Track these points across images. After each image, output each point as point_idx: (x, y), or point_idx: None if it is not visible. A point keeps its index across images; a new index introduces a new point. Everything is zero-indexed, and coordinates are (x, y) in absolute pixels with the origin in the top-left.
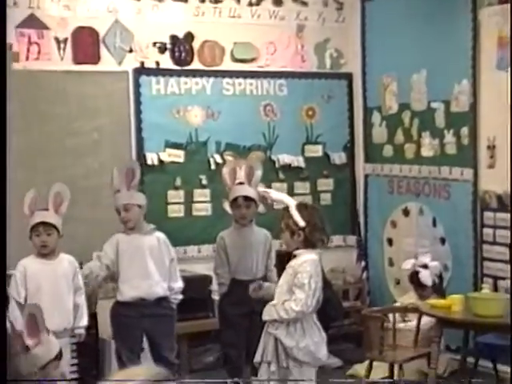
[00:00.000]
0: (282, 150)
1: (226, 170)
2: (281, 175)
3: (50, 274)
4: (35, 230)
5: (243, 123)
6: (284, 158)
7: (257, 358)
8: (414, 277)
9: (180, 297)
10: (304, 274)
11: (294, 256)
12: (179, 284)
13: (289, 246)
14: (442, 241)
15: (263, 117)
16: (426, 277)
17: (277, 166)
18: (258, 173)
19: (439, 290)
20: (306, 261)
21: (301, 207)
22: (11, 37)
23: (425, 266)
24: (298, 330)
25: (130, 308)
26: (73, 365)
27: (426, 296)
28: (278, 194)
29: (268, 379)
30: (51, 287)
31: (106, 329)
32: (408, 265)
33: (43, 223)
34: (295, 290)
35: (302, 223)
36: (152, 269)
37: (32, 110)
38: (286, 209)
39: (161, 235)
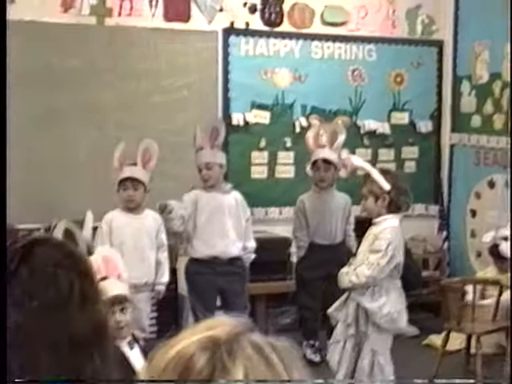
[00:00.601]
0: (367, 116)
1: (310, 134)
2: (365, 141)
3: (134, 228)
4: (123, 185)
5: (330, 87)
6: (369, 124)
7: (338, 317)
8: (494, 249)
9: (253, 256)
10: (383, 240)
11: (374, 224)
12: (252, 244)
13: (372, 212)
14: None
15: (350, 81)
16: (506, 249)
17: (362, 131)
18: (341, 137)
19: None
20: (386, 228)
21: (383, 172)
22: None
23: (505, 239)
24: (383, 296)
25: (203, 265)
26: (152, 318)
27: (506, 269)
28: (359, 161)
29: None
30: (135, 241)
31: (184, 284)
32: (488, 238)
33: (131, 178)
34: (370, 254)
35: (387, 187)
36: (229, 228)
37: (122, 66)
38: (368, 175)
39: (237, 195)
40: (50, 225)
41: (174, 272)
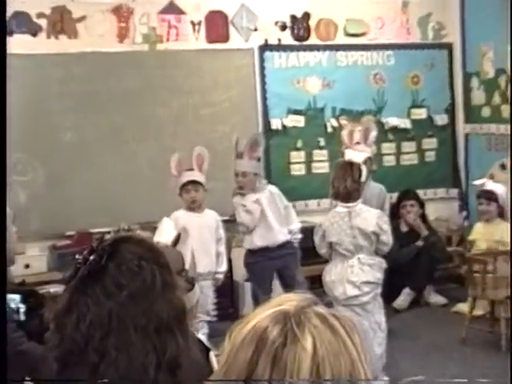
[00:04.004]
0: (390, 114)
1: (345, 132)
2: (389, 136)
3: (197, 224)
4: (185, 188)
5: (355, 90)
6: (392, 121)
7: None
8: (482, 193)
9: (299, 236)
10: None
11: None
12: (297, 225)
13: None
14: None
15: (373, 84)
16: (492, 186)
17: (386, 127)
18: (373, 133)
19: None
20: None
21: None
22: (154, 22)
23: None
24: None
25: (258, 255)
26: (214, 303)
27: (489, 220)
28: None
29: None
30: (198, 235)
31: (238, 272)
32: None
33: (191, 181)
34: None
35: None
36: (272, 220)
37: (173, 85)
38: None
39: (272, 187)
40: (118, 228)
41: (229, 262)
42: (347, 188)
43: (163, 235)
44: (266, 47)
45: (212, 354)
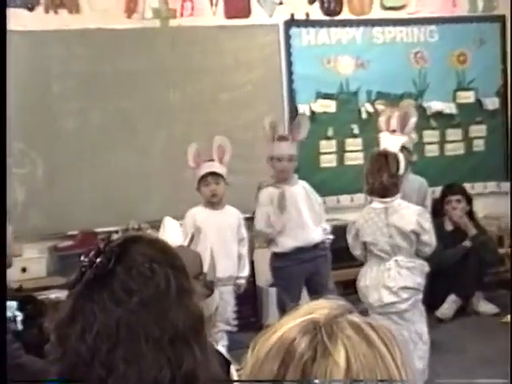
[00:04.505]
0: (432, 97)
1: (382, 118)
2: (432, 122)
3: (217, 222)
4: (204, 181)
5: (393, 71)
6: (435, 105)
7: None
8: None
9: (331, 236)
10: None
11: None
12: (327, 225)
13: None
14: None
15: (413, 64)
16: None
17: (428, 113)
18: (413, 120)
19: None
20: None
21: None
22: None
23: None
24: None
25: (289, 257)
26: (234, 312)
27: None
28: None
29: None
30: (218, 235)
31: (262, 276)
32: None
33: (211, 173)
34: None
35: None
36: (307, 217)
37: (187, 66)
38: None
39: (304, 183)
40: (127, 227)
41: (251, 264)
42: (383, 183)
43: (168, 237)
44: (292, 23)
45: (233, 368)
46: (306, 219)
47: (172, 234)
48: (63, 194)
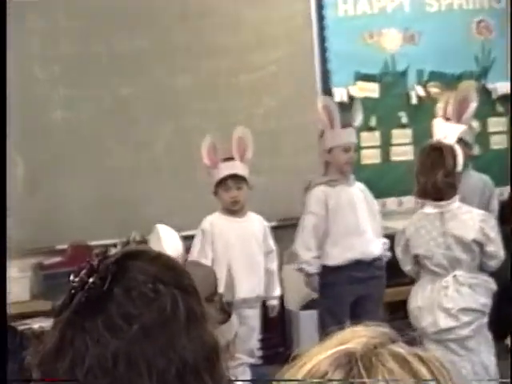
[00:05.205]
0: (499, 77)
1: (440, 105)
2: (498, 108)
3: (240, 232)
4: (223, 185)
5: (451, 46)
6: (502, 87)
7: None
8: None
9: (389, 254)
10: None
11: None
12: (385, 239)
13: None
14: None
15: (476, 36)
16: None
17: (493, 96)
18: (473, 106)
19: None
20: None
21: None
22: None
23: None
24: None
25: (340, 273)
26: (259, 340)
27: None
28: None
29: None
30: (241, 247)
31: (292, 298)
32: None
33: (232, 176)
34: None
35: None
36: (365, 225)
37: (198, 43)
38: None
39: (361, 185)
40: (127, 239)
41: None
42: (438, 183)
43: (166, 249)
44: None
45: None
46: (365, 227)
47: (170, 245)
48: (49, 200)
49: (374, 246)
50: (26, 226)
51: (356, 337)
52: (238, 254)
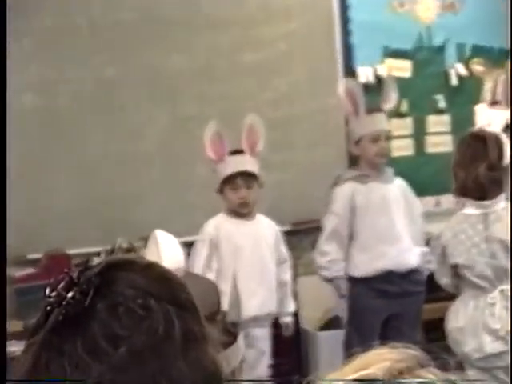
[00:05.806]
0: None
1: (488, 86)
2: None
3: (249, 237)
4: (231, 182)
5: (498, 16)
6: None
7: None
8: None
9: (430, 266)
10: None
11: None
12: (427, 248)
13: None
14: None
15: None
16: None
17: None
18: None
19: None
20: None
21: None
22: None
23: None
24: None
25: (367, 285)
26: (270, 365)
27: None
28: None
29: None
30: (251, 254)
31: (309, 315)
32: None
33: (241, 173)
34: None
35: None
36: (402, 230)
37: (195, 15)
38: None
39: (401, 182)
40: (112, 246)
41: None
42: (480, 179)
43: (164, 260)
44: None
45: None
46: (401, 232)
47: (170, 254)
48: (21, 201)
49: (411, 256)
50: None
51: (379, 360)
52: (246, 263)
